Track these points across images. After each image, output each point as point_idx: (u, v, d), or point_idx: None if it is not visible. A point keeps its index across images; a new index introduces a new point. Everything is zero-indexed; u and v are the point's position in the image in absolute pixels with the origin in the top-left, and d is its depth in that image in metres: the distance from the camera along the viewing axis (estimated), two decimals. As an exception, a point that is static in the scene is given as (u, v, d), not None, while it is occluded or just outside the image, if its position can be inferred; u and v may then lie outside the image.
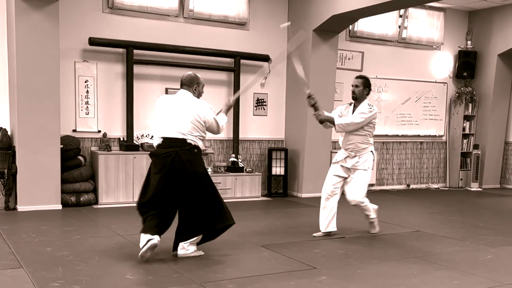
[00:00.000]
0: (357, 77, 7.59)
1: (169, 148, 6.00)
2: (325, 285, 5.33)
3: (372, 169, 7.58)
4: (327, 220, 7.52)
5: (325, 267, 5.99)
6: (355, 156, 7.41)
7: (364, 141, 7.39)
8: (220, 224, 6.25)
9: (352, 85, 7.55)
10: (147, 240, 5.89)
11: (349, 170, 7.44)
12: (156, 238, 5.92)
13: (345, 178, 7.48)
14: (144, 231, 6.00)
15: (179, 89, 6.33)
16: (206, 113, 6.18)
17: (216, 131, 6.37)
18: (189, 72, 6.48)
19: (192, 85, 6.28)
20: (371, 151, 7.48)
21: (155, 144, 6.19)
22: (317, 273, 5.76)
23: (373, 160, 7.53)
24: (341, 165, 7.48)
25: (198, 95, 6.34)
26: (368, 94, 7.53)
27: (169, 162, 5.97)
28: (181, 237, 6.18)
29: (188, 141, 6.04)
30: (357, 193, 7.39)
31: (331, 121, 7.44)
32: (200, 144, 6.17)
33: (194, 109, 6.11)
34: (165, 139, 6.06)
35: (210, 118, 6.22)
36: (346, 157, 7.47)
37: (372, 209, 7.68)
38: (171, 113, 6.10)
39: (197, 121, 6.09)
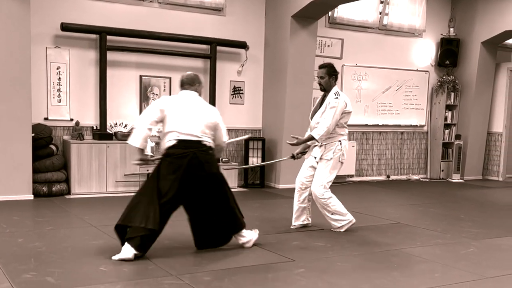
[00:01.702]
0: (321, 67, 7.32)
1: (185, 149, 5.86)
2: (303, 277, 5.26)
3: (342, 161, 7.24)
4: (296, 214, 7.44)
5: (303, 259, 5.92)
6: (321, 146, 7.18)
7: (332, 131, 7.11)
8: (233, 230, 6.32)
9: (317, 77, 7.32)
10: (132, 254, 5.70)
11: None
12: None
13: None
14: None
15: (154, 77, 6.12)
16: (216, 114, 6.18)
17: (223, 138, 6.30)
18: (188, 72, 6.39)
19: (194, 84, 6.19)
20: (339, 141, 7.17)
21: (166, 146, 5.96)
22: (295, 265, 5.69)
23: (340, 150, 7.15)
24: (312, 155, 7.29)
25: (199, 95, 6.26)
26: (335, 81, 7.29)
27: (186, 162, 5.81)
28: (212, 240, 6.23)
29: (203, 142, 5.96)
30: (315, 184, 7.15)
31: (311, 139, 7.21)
32: (213, 145, 6.11)
33: (205, 110, 6.10)
34: (180, 141, 5.89)
35: (219, 121, 6.21)
36: (314, 146, 7.28)
37: (336, 209, 7.25)
38: (183, 114, 5.95)
39: (210, 122, 6.05)
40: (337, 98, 7.07)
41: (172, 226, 6.07)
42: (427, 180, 13.66)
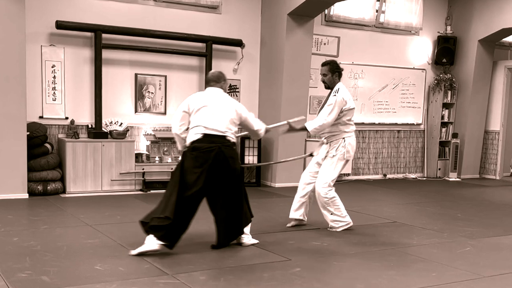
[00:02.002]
0: (323, 64, 7.31)
1: (211, 144, 6.00)
2: (299, 277, 5.22)
3: (347, 158, 7.22)
4: (295, 207, 7.42)
5: (300, 258, 5.89)
6: (327, 143, 7.22)
7: (335, 128, 7.12)
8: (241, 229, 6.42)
9: (321, 74, 7.32)
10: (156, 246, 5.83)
11: None
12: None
13: None
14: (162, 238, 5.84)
15: (150, 75, 6.12)
16: (241, 109, 6.33)
17: (255, 127, 6.54)
18: (213, 70, 6.70)
19: (220, 81, 6.42)
20: (343, 138, 7.15)
21: (191, 140, 6.09)
22: (291, 264, 5.65)
23: (344, 147, 7.12)
24: (320, 152, 7.31)
25: (225, 91, 6.46)
26: (339, 77, 7.27)
27: (212, 156, 5.95)
28: (231, 235, 6.33)
29: (228, 137, 6.12)
30: (319, 182, 7.14)
31: (304, 129, 7.28)
32: (235, 140, 6.28)
33: (231, 105, 6.26)
34: (206, 135, 6.05)
35: (245, 114, 6.37)
36: (321, 143, 7.33)
37: (336, 210, 7.22)
38: (209, 110, 6.13)
39: (236, 117, 6.24)
40: (335, 95, 7.06)
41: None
42: (424, 178, 13.62)
